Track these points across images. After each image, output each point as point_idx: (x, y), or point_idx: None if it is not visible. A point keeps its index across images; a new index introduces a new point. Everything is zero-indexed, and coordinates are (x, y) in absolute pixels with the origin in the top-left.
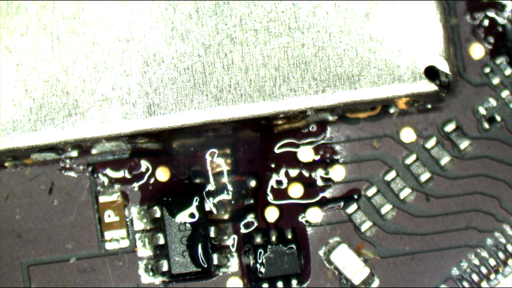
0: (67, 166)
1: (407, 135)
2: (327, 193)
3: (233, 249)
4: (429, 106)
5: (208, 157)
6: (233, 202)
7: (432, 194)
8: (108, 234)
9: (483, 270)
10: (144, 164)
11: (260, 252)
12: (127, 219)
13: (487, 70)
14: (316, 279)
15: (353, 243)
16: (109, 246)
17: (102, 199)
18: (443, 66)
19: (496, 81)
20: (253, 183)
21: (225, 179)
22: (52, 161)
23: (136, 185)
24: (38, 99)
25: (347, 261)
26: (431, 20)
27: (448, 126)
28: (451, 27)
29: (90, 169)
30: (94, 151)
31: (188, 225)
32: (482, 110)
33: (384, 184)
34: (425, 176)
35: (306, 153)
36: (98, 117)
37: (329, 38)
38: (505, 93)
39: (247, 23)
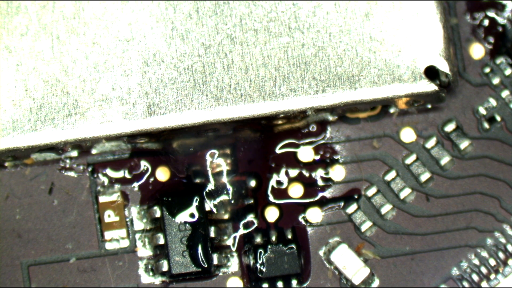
0: (67, 166)
1: (407, 135)
2: (327, 193)
3: (233, 249)
4: (429, 106)
5: (208, 157)
6: (233, 202)
7: (432, 194)
8: (108, 234)
9: (483, 270)
10: (144, 164)
11: (260, 252)
12: (127, 219)
13: (487, 70)
14: (316, 279)
15: (353, 243)
16: (109, 246)
17: (102, 199)
18: (443, 66)
19: (496, 81)
20: (253, 183)
21: (225, 179)
22: (52, 161)
23: (136, 185)
24: (38, 99)
25: (347, 261)
26: (431, 20)
27: (448, 126)
28: (451, 27)
29: (90, 169)
30: (94, 151)
31: (188, 225)
32: (482, 110)
33: (384, 184)
34: (425, 176)
35: (306, 153)
36: (98, 117)
37: (329, 38)
38: (505, 93)
39: (247, 23)
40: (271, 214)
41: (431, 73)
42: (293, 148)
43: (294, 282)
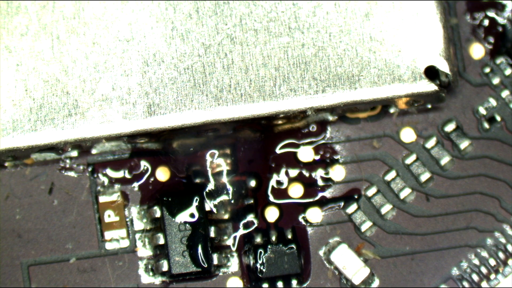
0: (67, 166)
1: (407, 135)
2: (327, 193)
3: (233, 249)
4: (429, 106)
5: (208, 157)
6: (233, 202)
7: (432, 194)
8: (108, 234)
9: (483, 270)
10: (144, 164)
11: (260, 252)
12: (127, 219)
13: (487, 70)
14: (316, 279)
15: (353, 243)
16: (109, 246)
17: (102, 199)
18: (443, 66)
19: (496, 81)
20: (253, 183)
21: (225, 179)
22: (52, 161)
23: (136, 185)
24: (38, 99)
25: (347, 261)
26: (431, 20)
27: (448, 126)
28: (451, 27)
29: (90, 169)
30: (94, 151)
31: (188, 225)
32: (482, 110)
33: (384, 184)
34: (425, 176)
35: (306, 153)
36: (98, 117)
37: (329, 38)
38: (505, 93)
39: (247, 23)
40: (271, 214)
41: (431, 73)
42: (293, 148)
43: (294, 282)
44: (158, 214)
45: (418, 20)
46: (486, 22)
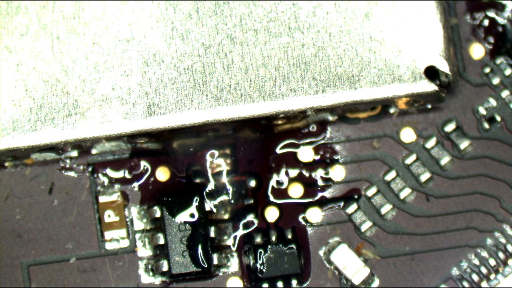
0: (67, 166)
1: (407, 135)
2: (327, 193)
3: (233, 249)
4: (429, 106)
5: (208, 157)
6: (233, 202)
7: (432, 194)
8: (108, 234)
9: (483, 270)
10: (144, 164)
11: (260, 252)
12: (127, 219)
13: (487, 70)
14: (316, 279)
15: (353, 243)
16: (109, 246)
17: (102, 199)
18: (443, 66)
19: (496, 81)
20: (253, 183)
21: (225, 179)
22: (52, 161)
23: (136, 185)
24: (38, 99)
25: (347, 261)
26: (431, 20)
27: (448, 126)
28: (451, 27)
29: (90, 169)
30: (94, 151)
31: (188, 225)
32: (482, 110)
33: (384, 184)
34: (425, 176)
35: (306, 153)
36: (98, 117)
37: (329, 38)
38: (505, 93)
39: (247, 23)
40: (271, 214)
41: (431, 73)
42: (293, 148)
43: (294, 282)
44: (158, 214)
45: (418, 20)
46: (486, 22)
